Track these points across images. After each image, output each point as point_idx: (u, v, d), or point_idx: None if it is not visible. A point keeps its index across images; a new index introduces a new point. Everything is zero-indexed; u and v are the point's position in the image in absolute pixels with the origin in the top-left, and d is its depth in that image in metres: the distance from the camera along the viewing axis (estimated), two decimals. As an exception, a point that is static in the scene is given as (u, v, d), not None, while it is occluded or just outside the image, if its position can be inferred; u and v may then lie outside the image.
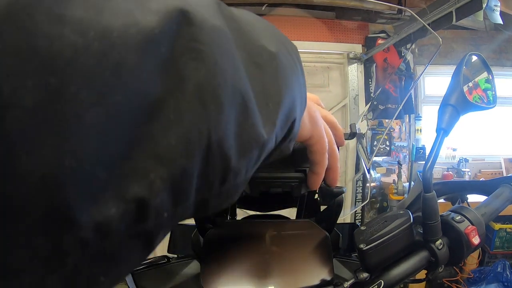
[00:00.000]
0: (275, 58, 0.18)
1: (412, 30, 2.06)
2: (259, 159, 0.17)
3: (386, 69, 2.68)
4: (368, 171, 2.43)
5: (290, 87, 0.19)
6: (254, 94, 0.16)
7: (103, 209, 0.10)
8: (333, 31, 2.63)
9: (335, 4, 2.51)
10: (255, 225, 0.52)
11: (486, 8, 1.67)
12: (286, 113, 0.18)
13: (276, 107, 0.17)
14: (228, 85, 0.14)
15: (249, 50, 0.16)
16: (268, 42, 0.18)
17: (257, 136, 0.16)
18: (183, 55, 0.12)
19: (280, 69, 0.18)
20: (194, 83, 0.12)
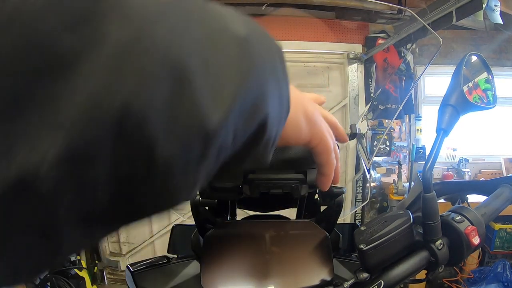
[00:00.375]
0: (242, 43, 0.15)
1: (412, 30, 2.06)
2: (206, 155, 0.14)
3: (386, 69, 2.68)
4: (368, 171, 2.43)
5: (256, 78, 0.16)
6: (204, 71, 0.13)
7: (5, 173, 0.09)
8: (333, 31, 2.63)
9: (335, 4, 2.51)
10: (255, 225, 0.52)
11: (486, 8, 1.67)
12: (248, 104, 0.15)
13: (230, 92, 0.14)
14: (160, 52, 0.11)
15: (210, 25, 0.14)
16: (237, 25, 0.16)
17: (200, 118, 0.13)
18: (111, 9, 0.10)
19: (245, 56, 0.15)
20: (113, 43, 0.10)
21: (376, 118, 2.69)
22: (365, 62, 2.64)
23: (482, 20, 1.97)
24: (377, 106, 2.67)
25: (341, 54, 2.63)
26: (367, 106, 2.64)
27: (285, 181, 0.37)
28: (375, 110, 2.67)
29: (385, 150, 2.70)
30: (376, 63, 2.66)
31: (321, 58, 2.64)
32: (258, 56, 0.16)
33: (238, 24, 0.16)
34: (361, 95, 2.66)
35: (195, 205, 0.52)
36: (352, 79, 2.65)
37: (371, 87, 2.68)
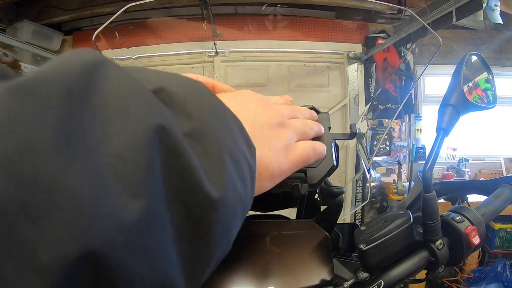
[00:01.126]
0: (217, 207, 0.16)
1: (412, 30, 2.06)
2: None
3: (386, 69, 2.68)
4: (368, 171, 2.43)
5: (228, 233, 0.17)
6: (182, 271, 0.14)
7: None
8: (333, 31, 2.63)
9: (335, 4, 2.51)
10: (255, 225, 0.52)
11: (486, 8, 1.67)
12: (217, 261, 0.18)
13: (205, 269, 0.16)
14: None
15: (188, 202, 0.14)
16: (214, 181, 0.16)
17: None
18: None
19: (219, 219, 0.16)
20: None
21: (376, 118, 2.69)
22: (365, 62, 2.64)
23: (482, 20, 1.97)
24: (377, 106, 2.67)
25: (341, 54, 2.63)
26: (367, 106, 2.64)
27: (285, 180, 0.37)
28: (375, 110, 2.67)
29: (385, 150, 2.70)
30: (376, 63, 2.66)
31: (321, 58, 2.64)
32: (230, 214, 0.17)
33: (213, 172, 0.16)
34: (361, 95, 2.66)
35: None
36: (352, 79, 2.65)
37: (371, 87, 2.68)
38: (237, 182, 0.18)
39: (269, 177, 0.25)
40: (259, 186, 0.23)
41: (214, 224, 0.16)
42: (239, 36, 2.58)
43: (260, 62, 2.63)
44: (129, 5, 1.21)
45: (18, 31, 2.29)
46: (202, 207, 0.15)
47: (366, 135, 2.64)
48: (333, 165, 0.38)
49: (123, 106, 0.13)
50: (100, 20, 2.45)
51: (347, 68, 2.64)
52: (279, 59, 2.64)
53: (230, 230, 0.18)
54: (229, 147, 0.18)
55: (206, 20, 2.19)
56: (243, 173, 0.19)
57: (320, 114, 0.42)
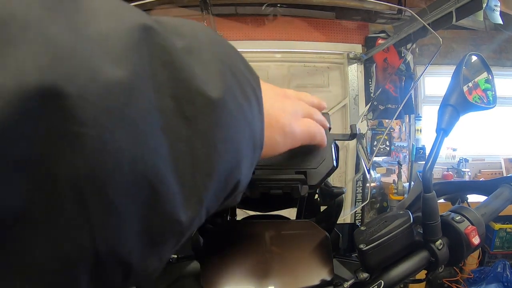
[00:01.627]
0: (215, 106, 0.14)
1: (412, 30, 2.06)
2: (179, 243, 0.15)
3: (386, 69, 2.68)
4: (368, 171, 2.43)
5: (231, 144, 0.15)
6: (174, 166, 0.13)
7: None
8: (333, 31, 2.63)
9: (335, 4, 2.51)
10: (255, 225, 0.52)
11: (486, 8, 1.67)
12: (223, 180, 0.15)
13: (205, 179, 0.14)
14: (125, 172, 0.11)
15: (179, 96, 0.13)
16: (210, 82, 0.14)
17: (172, 225, 0.13)
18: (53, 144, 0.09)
19: (219, 122, 0.14)
20: (68, 181, 0.10)
21: (376, 118, 2.69)
22: (365, 62, 2.64)
23: (482, 20, 1.97)
24: (377, 106, 2.67)
25: (341, 54, 2.63)
26: (367, 106, 2.64)
27: (285, 182, 0.37)
28: (375, 110, 2.67)
29: (385, 150, 2.70)
30: (376, 63, 2.66)
31: (321, 58, 2.64)
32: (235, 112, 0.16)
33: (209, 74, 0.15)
34: (361, 95, 2.66)
35: (195, 205, 0.52)
36: (352, 79, 2.65)
37: (371, 87, 2.68)
38: (238, 94, 0.16)
39: (280, 131, 0.24)
40: (270, 137, 0.22)
41: (212, 125, 0.14)
42: (239, 36, 2.58)
43: (260, 63, 2.63)
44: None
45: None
46: (196, 103, 0.13)
47: (366, 136, 2.64)
48: (333, 165, 0.38)
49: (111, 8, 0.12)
50: (100, 20, 2.45)
51: (347, 68, 2.64)
52: (279, 60, 2.64)
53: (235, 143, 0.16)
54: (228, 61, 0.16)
55: (206, 21, 2.19)
56: (245, 92, 0.17)
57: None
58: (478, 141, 2.84)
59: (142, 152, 0.11)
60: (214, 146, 0.14)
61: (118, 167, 0.10)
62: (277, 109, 0.24)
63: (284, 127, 0.25)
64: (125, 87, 0.11)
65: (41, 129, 0.09)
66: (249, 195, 0.37)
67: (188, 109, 0.13)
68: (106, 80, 0.10)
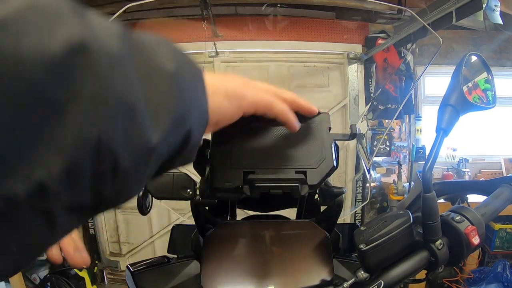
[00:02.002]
0: (171, 77, 0.21)
1: (412, 30, 2.06)
2: (150, 162, 0.20)
3: (386, 69, 2.68)
4: (368, 171, 2.43)
5: (181, 101, 0.22)
6: (146, 105, 0.19)
7: (12, 185, 0.14)
8: (333, 31, 2.63)
9: (335, 4, 2.51)
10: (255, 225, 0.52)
11: (486, 8, 1.67)
12: (176, 120, 0.21)
13: (164, 116, 0.20)
14: (116, 97, 0.17)
15: (148, 67, 0.20)
16: (168, 62, 0.21)
17: (146, 139, 0.19)
18: (83, 74, 0.15)
19: (173, 87, 0.21)
20: (89, 94, 0.15)
21: (376, 118, 2.69)
22: (365, 62, 2.64)
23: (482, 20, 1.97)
24: (377, 106, 2.67)
25: (341, 54, 2.63)
26: (367, 106, 2.64)
27: (285, 182, 0.37)
28: (375, 110, 2.67)
29: (385, 150, 2.70)
30: (376, 63, 2.66)
31: (321, 58, 2.64)
32: (183, 86, 0.22)
33: (169, 61, 0.21)
34: (361, 95, 2.66)
35: (195, 205, 0.53)
36: (352, 79, 2.65)
37: (371, 87, 2.68)
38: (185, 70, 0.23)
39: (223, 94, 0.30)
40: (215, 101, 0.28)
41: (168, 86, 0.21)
42: (239, 36, 2.58)
43: (260, 63, 2.63)
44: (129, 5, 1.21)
45: (18, 31, 2.28)
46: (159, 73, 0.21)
47: (366, 136, 2.64)
48: (333, 165, 0.39)
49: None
50: (100, 20, 2.45)
51: (347, 69, 2.64)
52: (279, 60, 2.64)
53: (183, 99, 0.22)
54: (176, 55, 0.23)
55: (206, 21, 2.19)
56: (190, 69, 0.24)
57: (320, 114, 0.42)
58: (478, 141, 2.84)
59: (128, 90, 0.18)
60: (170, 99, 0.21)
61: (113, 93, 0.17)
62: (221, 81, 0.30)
63: (226, 91, 0.30)
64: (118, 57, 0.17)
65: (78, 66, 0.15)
66: (249, 194, 0.37)
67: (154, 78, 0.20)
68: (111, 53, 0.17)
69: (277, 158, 0.38)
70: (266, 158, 0.38)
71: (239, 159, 0.38)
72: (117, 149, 0.17)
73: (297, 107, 0.38)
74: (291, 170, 0.38)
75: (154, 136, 0.19)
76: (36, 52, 0.14)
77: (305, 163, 0.38)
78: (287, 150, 0.39)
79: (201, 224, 0.54)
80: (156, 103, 0.19)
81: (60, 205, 0.16)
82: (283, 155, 0.38)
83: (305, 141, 0.39)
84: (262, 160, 0.38)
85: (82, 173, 0.16)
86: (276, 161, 0.38)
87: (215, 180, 0.37)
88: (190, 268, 0.50)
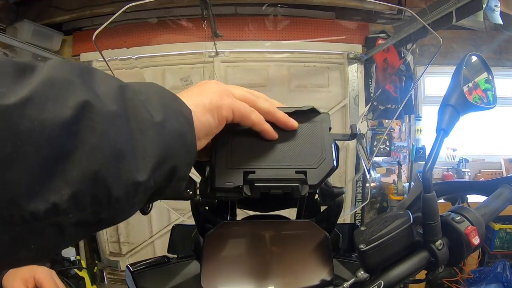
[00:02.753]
0: (157, 126, 0.25)
1: (412, 30, 2.06)
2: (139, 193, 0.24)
3: (386, 69, 2.68)
4: (368, 171, 2.43)
5: (165, 144, 0.26)
6: (133, 150, 0.23)
7: (36, 204, 0.19)
8: (333, 31, 2.63)
9: (335, 4, 2.51)
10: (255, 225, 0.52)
11: (486, 8, 1.67)
12: (160, 161, 0.25)
13: (150, 159, 0.24)
14: (110, 145, 0.22)
15: (138, 120, 0.24)
16: (157, 113, 0.26)
17: (132, 177, 0.23)
18: (86, 128, 0.21)
19: (159, 134, 0.25)
20: (90, 144, 0.21)
21: (376, 118, 2.69)
22: (365, 62, 2.64)
23: (482, 20, 1.97)
24: (377, 106, 2.67)
25: (341, 54, 2.63)
26: (367, 106, 2.64)
27: (285, 182, 0.37)
28: (375, 110, 2.67)
29: (385, 150, 2.70)
30: (376, 63, 2.66)
31: (321, 58, 2.64)
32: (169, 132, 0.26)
33: (157, 112, 0.26)
34: (361, 95, 2.66)
35: (195, 205, 0.52)
36: (352, 79, 2.65)
37: (371, 87, 2.68)
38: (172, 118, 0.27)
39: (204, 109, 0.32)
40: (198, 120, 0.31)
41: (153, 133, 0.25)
42: (239, 36, 2.58)
43: (260, 63, 2.63)
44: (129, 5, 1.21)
45: (18, 31, 2.28)
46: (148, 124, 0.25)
47: (366, 136, 2.64)
48: (333, 166, 0.38)
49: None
50: (100, 20, 2.45)
51: (347, 69, 2.64)
52: (279, 60, 2.64)
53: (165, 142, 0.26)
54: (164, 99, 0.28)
55: (206, 20, 2.19)
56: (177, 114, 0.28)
57: (320, 114, 0.42)
58: (478, 141, 2.84)
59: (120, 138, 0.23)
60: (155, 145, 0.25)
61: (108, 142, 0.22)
62: (200, 97, 0.33)
63: (205, 105, 0.32)
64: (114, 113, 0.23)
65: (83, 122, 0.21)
66: (249, 194, 0.37)
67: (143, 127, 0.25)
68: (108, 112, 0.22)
69: (277, 158, 0.38)
70: (266, 158, 0.38)
71: (239, 159, 0.38)
72: (110, 182, 0.22)
73: (272, 119, 0.38)
74: (291, 170, 0.38)
75: (140, 173, 0.23)
76: (54, 117, 0.19)
77: (305, 163, 0.38)
78: (287, 150, 0.39)
79: (201, 224, 0.54)
80: (142, 148, 0.24)
81: (69, 221, 0.21)
82: (283, 155, 0.38)
83: (305, 141, 0.39)
84: (262, 160, 0.38)
85: (84, 199, 0.21)
86: (276, 161, 0.38)
87: (215, 180, 0.37)
88: (190, 268, 0.50)
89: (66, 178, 0.20)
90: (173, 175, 0.27)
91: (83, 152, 0.20)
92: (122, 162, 0.22)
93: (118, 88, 0.24)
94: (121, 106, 0.23)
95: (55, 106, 0.20)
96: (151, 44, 2.55)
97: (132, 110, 0.24)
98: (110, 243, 2.77)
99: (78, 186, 0.20)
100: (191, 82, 2.57)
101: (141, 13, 2.47)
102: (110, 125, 0.22)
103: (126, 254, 2.75)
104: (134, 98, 0.25)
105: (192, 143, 0.29)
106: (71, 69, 0.22)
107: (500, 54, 2.78)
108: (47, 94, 0.20)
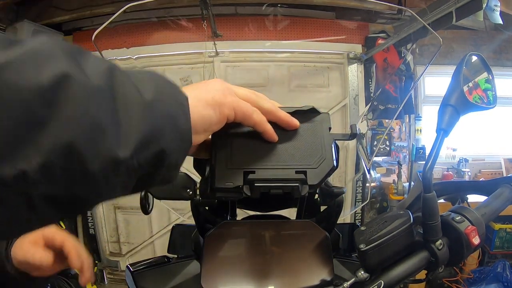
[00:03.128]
0: (146, 105, 0.25)
1: (412, 30, 2.06)
2: (120, 173, 0.23)
3: (386, 69, 2.68)
4: (368, 171, 2.43)
5: (151, 125, 0.25)
6: (116, 126, 0.23)
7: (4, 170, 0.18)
8: (333, 31, 2.63)
9: (335, 4, 2.51)
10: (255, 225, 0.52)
11: (486, 8, 1.67)
12: (145, 142, 0.24)
13: (133, 136, 0.24)
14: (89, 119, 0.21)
15: (125, 97, 0.24)
16: (147, 93, 0.25)
17: (112, 154, 0.22)
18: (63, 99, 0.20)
19: (146, 113, 0.25)
20: (65, 115, 0.20)
21: (376, 118, 2.69)
22: (365, 62, 2.64)
23: (482, 20, 1.97)
24: (377, 106, 2.67)
25: (341, 54, 2.63)
26: (367, 106, 2.64)
27: (285, 181, 0.37)
28: (375, 110, 2.67)
29: (385, 150, 2.70)
30: (376, 63, 2.66)
31: (321, 58, 2.64)
32: (159, 112, 0.26)
33: (148, 92, 0.26)
34: (361, 95, 2.66)
35: (195, 205, 0.53)
36: (352, 79, 2.65)
37: (371, 87, 2.68)
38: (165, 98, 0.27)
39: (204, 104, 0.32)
40: (196, 112, 0.30)
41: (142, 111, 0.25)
42: (239, 36, 2.58)
43: (260, 63, 2.63)
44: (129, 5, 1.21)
45: (18, 31, 2.29)
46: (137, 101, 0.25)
47: (366, 136, 2.64)
48: (333, 165, 0.38)
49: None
50: (100, 20, 2.45)
51: (347, 69, 2.64)
52: (279, 60, 2.64)
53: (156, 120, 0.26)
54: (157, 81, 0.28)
55: (206, 20, 2.19)
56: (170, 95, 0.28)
57: (320, 114, 0.42)
58: (478, 141, 2.84)
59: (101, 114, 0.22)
60: (141, 123, 0.24)
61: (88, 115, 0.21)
62: (203, 91, 0.33)
63: (207, 100, 0.32)
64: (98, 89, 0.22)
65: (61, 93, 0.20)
66: (249, 194, 0.37)
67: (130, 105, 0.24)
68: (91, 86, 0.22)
69: (277, 158, 0.38)
70: (266, 158, 0.38)
71: (239, 159, 0.38)
72: (86, 155, 0.21)
73: (275, 119, 0.38)
74: (291, 170, 0.37)
75: (121, 150, 0.23)
76: (30, 84, 0.19)
77: (305, 163, 0.38)
78: (287, 150, 0.39)
79: (201, 224, 0.54)
80: (126, 125, 0.23)
81: (38, 192, 0.20)
82: (283, 155, 0.38)
83: (305, 141, 0.39)
84: (262, 160, 0.38)
85: (55, 169, 0.20)
86: (276, 161, 0.38)
87: (215, 180, 0.37)
88: (190, 268, 0.50)
89: (37, 146, 0.19)
90: (162, 160, 0.26)
91: (58, 122, 0.20)
92: (100, 136, 0.22)
93: (108, 67, 0.24)
94: (107, 83, 0.23)
95: (32, 73, 0.20)
96: (151, 44, 2.55)
97: (119, 87, 0.24)
98: (110, 243, 2.77)
99: (49, 156, 0.20)
100: (191, 82, 2.57)
101: (141, 13, 2.47)
102: (91, 99, 0.21)
103: (126, 254, 2.75)
104: (124, 79, 0.25)
105: (187, 130, 0.28)
106: (60, 45, 0.22)
107: (500, 54, 2.78)
108: (27, 61, 0.20)
